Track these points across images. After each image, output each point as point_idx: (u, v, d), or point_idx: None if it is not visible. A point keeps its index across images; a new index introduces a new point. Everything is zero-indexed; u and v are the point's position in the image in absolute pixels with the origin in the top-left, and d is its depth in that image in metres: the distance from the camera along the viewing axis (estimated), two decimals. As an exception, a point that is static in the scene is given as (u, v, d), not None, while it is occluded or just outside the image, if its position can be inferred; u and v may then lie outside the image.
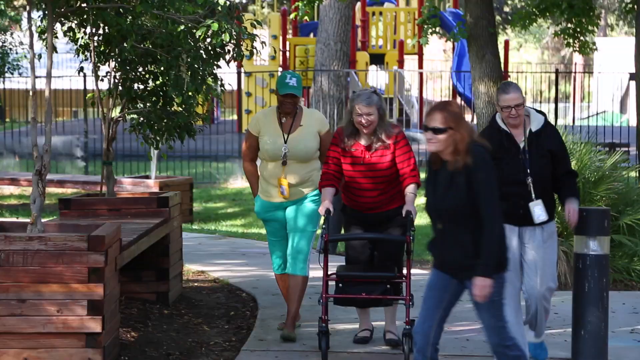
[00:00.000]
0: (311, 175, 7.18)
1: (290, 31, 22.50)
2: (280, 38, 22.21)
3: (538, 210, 6.32)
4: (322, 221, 6.87)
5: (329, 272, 6.67)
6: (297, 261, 7.12)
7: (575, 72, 25.10)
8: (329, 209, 6.59)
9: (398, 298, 6.67)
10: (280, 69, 21.70)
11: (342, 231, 7.37)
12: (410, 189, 6.68)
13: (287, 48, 21.74)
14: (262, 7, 28.62)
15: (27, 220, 6.53)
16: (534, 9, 12.65)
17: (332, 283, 6.77)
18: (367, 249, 6.89)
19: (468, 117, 23.54)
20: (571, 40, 12.84)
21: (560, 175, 6.43)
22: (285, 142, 7.11)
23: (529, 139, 6.36)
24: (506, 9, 38.07)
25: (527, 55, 49.30)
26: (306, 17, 13.51)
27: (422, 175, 6.27)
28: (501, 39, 22.84)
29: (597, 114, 25.95)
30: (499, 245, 5.12)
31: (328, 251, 6.67)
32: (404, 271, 6.69)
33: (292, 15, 15.48)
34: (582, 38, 12.83)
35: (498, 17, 28.94)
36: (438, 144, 5.12)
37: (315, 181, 7.14)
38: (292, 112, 7.16)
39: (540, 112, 6.50)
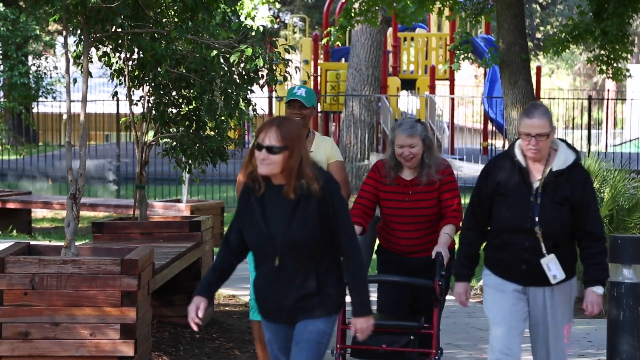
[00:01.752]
0: None
1: (321, 56, 22.55)
2: (312, 63, 22.27)
3: (553, 268, 5.19)
4: None
5: (347, 319, 5.68)
6: None
7: (608, 99, 24.99)
8: None
9: (423, 351, 5.79)
10: (311, 94, 21.75)
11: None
12: (446, 229, 5.89)
13: (319, 73, 21.79)
14: (294, 32, 28.73)
15: (61, 243, 6.55)
16: (567, 36, 12.61)
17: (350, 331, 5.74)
18: (400, 295, 6.06)
19: (499, 143, 23.51)
20: (604, 67, 12.78)
21: (580, 235, 5.24)
22: None
23: (547, 179, 5.15)
24: (538, 35, 38.02)
25: (558, 81, 49.15)
26: (338, 43, 13.54)
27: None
28: (533, 65, 22.80)
29: (630, 140, 25.79)
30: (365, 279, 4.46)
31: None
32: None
33: (324, 41, 15.53)
34: (615, 65, 12.77)
35: (530, 43, 28.90)
36: (272, 166, 4.33)
37: None
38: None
39: (572, 148, 5.27)
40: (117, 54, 7.97)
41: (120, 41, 7.60)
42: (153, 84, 8.05)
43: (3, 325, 5.91)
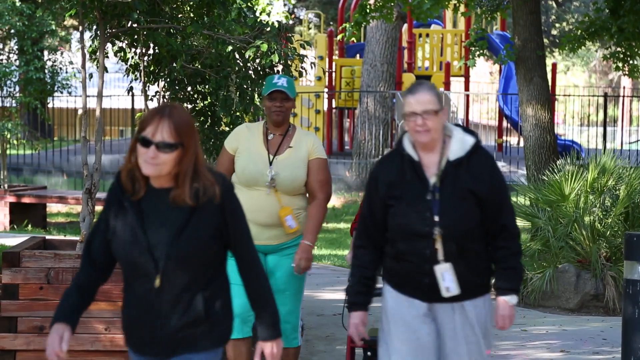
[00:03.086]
0: (298, 215, 5.62)
1: (336, 52, 22.54)
2: (327, 59, 22.27)
3: (448, 278, 4.23)
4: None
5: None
6: (285, 332, 5.51)
7: (624, 96, 24.88)
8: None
9: None
10: (326, 89, 21.75)
11: None
12: None
13: (334, 69, 21.78)
14: (309, 28, 28.73)
15: (75, 238, 6.58)
16: (583, 32, 12.57)
17: (359, 350, 5.64)
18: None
19: (514, 139, 23.47)
20: (620, 64, 12.74)
21: (492, 232, 4.30)
22: (271, 164, 5.57)
23: (445, 171, 4.27)
24: (554, 32, 37.90)
25: (574, 78, 49.00)
26: (353, 39, 13.54)
27: None
28: (548, 62, 22.75)
29: (645, 137, 25.70)
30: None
31: None
32: None
33: (339, 37, 15.52)
34: (631, 62, 12.73)
35: (546, 40, 28.84)
36: (162, 166, 3.48)
37: (302, 222, 5.60)
38: (282, 124, 5.64)
39: (470, 131, 4.42)
40: (133, 49, 7.98)
41: (136, 36, 7.61)
42: (168, 79, 8.06)
43: (19, 319, 5.95)
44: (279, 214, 5.52)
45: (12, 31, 15.20)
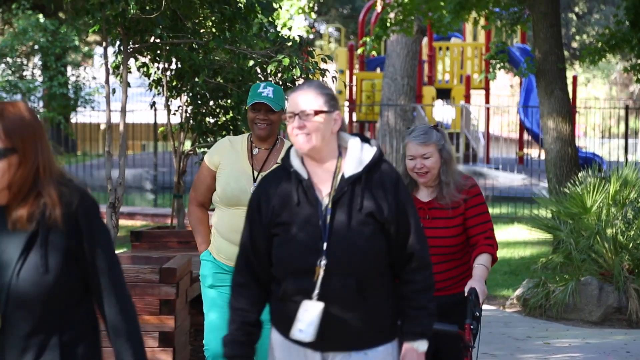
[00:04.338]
0: None
1: (357, 65, 22.59)
2: (347, 72, 22.33)
3: (305, 319, 3.40)
4: None
5: None
6: None
7: (645, 108, 24.80)
8: None
9: None
10: (346, 103, 21.80)
11: None
12: (480, 259, 4.68)
13: (354, 82, 21.83)
14: (329, 42, 28.81)
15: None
16: (603, 45, 12.57)
17: None
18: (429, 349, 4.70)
19: (535, 152, 23.43)
20: (641, 76, 12.73)
21: (397, 262, 3.51)
22: (255, 181, 5.09)
23: (338, 190, 3.45)
24: (574, 45, 37.85)
25: (594, 90, 48.87)
26: (374, 52, 13.58)
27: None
28: (569, 75, 22.72)
29: (667, 150, 25.60)
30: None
31: None
32: None
33: (359, 50, 15.57)
34: (652, 74, 12.71)
35: (566, 53, 28.81)
36: None
37: None
38: (268, 138, 5.17)
39: (367, 140, 3.59)
40: (156, 64, 8.06)
41: (158, 51, 7.68)
42: (191, 94, 8.12)
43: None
44: None
45: (36, 47, 15.34)
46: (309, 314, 3.38)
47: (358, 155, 3.49)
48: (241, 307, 3.50)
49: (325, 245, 3.38)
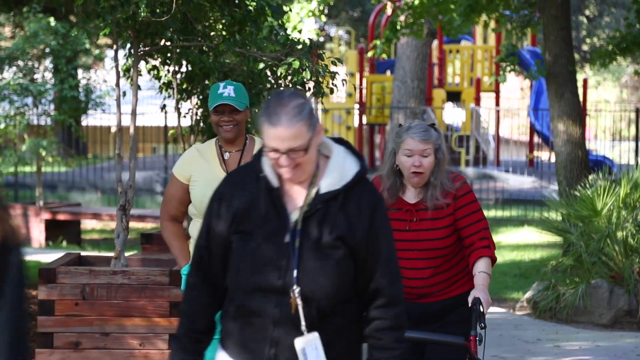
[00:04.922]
0: None
1: (367, 68, 22.60)
2: (357, 75, 22.33)
3: (312, 356, 3.03)
4: None
5: None
6: None
7: (655, 110, 24.69)
8: None
9: None
10: (356, 106, 21.80)
11: None
12: (480, 266, 4.44)
13: (364, 85, 21.84)
14: (339, 45, 28.82)
15: (110, 254, 6.65)
16: (614, 48, 12.56)
17: None
18: (415, 355, 4.53)
19: (545, 155, 23.39)
20: (652, 79, 12.71)
21: (364, 298, 3.14)
22: None
23: (313, 205, 3.10)
24: (585, 48, 37.78)
25: (605, 93, 48.77)
26: (384, 55, 13.59)
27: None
28: (579, 77, 22.68)
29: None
30: None
31: None
32: None
33: (369, 53, 15.57)
34: (663, 76, 12.70)
35: (576, 55, 28.76)
36: None
37: None
38: (236, 139, 4.97)
39: (356, 154, 3.21)
40: (166, 67, 8.07)
41: (169, 54, 7.70)
42: (201, 97, 8.13)
43: (55, 335, 6.02)
44: None
45: (47, 50, 15.39)
46: (313, 350, 3.02)
47: (339, 170, 3.12)
48: (189, 311, 3.22)
49: (295, 270, 3.01)
